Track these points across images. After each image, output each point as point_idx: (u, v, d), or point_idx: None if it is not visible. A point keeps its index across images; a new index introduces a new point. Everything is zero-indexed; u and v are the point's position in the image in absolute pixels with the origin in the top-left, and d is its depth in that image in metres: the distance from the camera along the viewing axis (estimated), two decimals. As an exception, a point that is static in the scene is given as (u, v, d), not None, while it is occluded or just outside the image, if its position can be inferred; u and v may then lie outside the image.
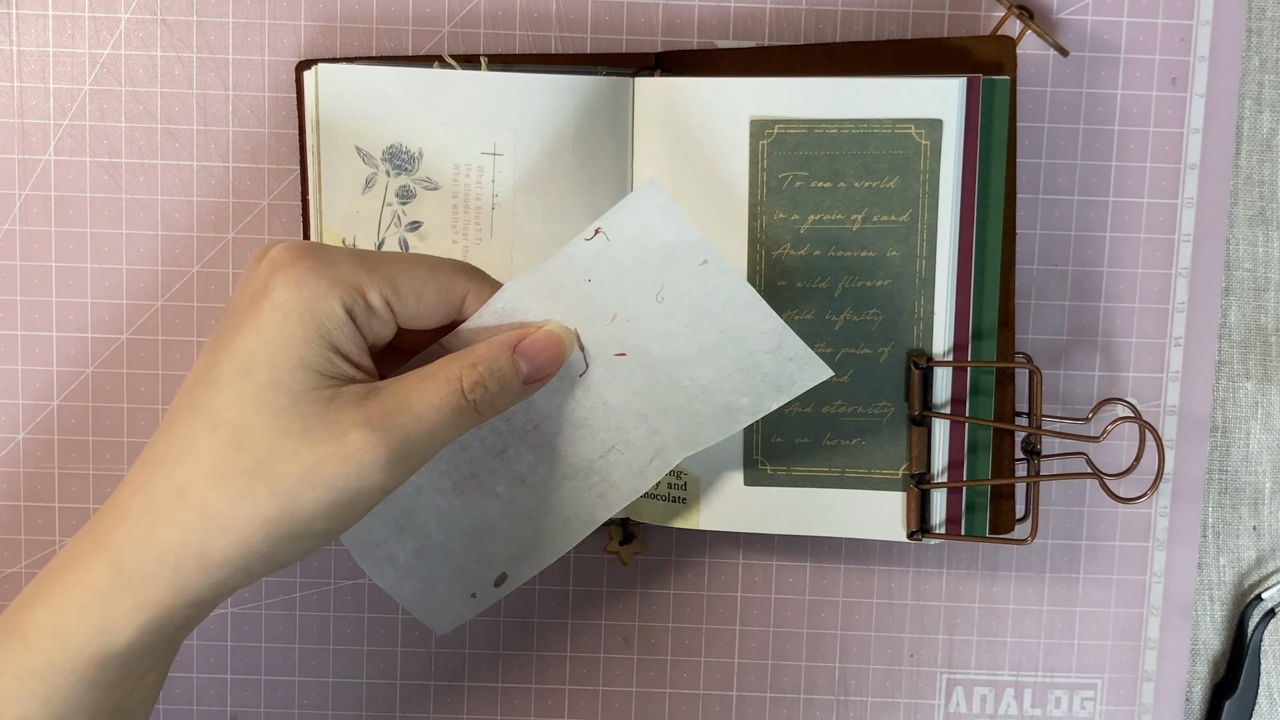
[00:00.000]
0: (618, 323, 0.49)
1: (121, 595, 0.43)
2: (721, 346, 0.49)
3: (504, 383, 0.46)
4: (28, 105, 0.58)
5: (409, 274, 0.45)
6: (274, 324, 0.43)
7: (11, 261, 0.58)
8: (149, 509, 0.43)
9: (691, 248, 0.47)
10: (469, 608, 0.54)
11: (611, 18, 0.58)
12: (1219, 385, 0.60)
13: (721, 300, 0.47)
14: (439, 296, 0.46)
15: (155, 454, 0.44)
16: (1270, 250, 0.60)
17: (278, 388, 0.42)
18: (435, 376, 0.45)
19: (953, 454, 0.55)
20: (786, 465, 0.56)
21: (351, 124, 0.55)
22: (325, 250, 0.45)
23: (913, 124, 0.53)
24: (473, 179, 0.55)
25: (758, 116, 0.54)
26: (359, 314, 0.44)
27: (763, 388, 0.50)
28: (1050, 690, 0.61)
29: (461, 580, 0.54)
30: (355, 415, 0.43)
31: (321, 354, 0.43)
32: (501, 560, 0.54)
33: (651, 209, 0.46)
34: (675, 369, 0.49)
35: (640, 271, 0.47)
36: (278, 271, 0.43)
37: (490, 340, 0.47)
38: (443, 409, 0.44)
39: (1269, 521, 0.61)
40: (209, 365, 0.44)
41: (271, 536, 0.43)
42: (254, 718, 0.61)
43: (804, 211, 0.54)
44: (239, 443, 0.42)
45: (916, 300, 0.54)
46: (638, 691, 0.62)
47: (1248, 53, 0.59)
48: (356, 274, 0.44)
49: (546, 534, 0.53)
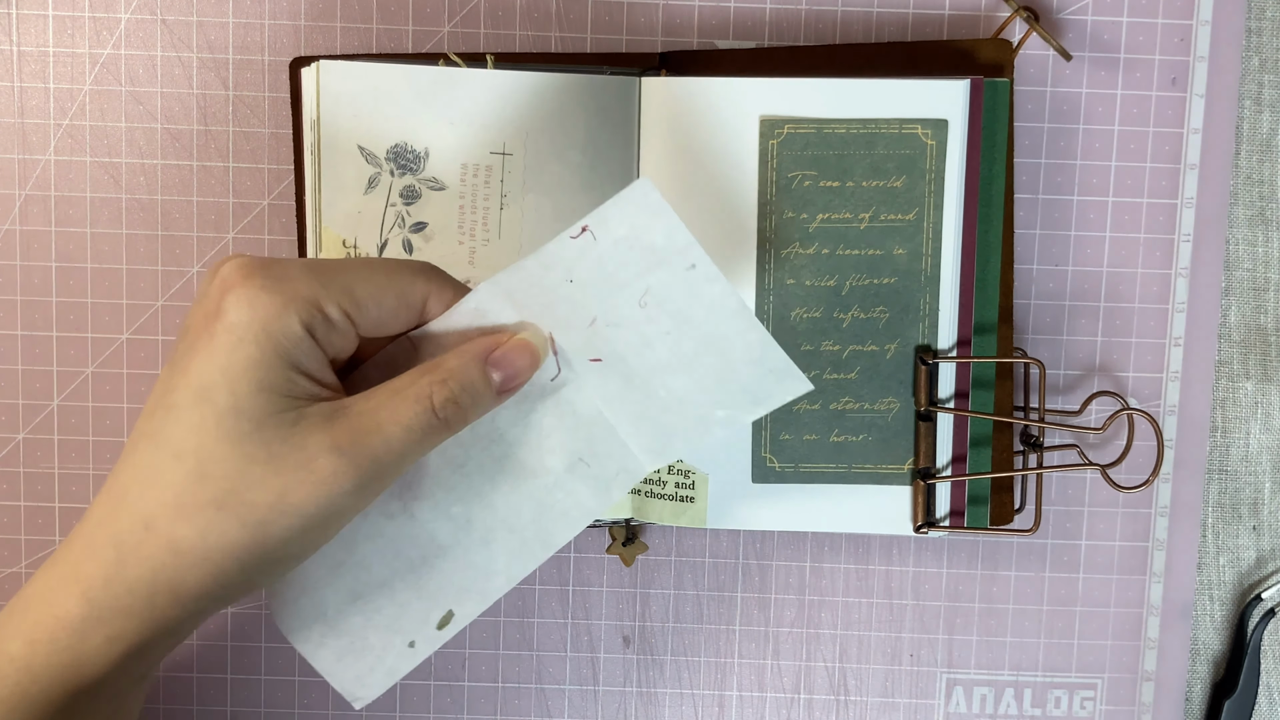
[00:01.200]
0: (596, 327, 0.47)
1: (94, 629, 0.42)
2: (701, 356, 0.48)
3: (476, 397, 0.45)
4: (28, 105, 0.58)
5: (365, 280, 0.44)
6: (228, 347, 0.41)
7: (11, 261, 0.58)
8: (116, 543, 0.42)
9: (680, 251, 0.46)
10: (403, 661, 0.50)
11: (611, 18, 0.58)
12: (1219, 385, 0.61)
13: (706, 307, 0.47)
14: (399, 301, 0.45)
15: (119, 484, 0.43)
16: (1270, 250, 0.60)
17: (239, 414, 0.41)
18: (405, 394, 0.43)
19: (956, 448, 0.56)
20: (794, 462, 0.56)
21: (354, 122, 0.54)
22: (277, 265, 0.43)
23: (919, 124, 0.54)
24: (481, 179, 0.55)
25: (768, 116, 0.54)
26: (318, 329, 0.43)
27: (740, 399, 0.49)
28: (1050, 690, 0.61)
29: (398, 626, 0.49)
30: (322, 439, 0.42)
31: (282, 375, 0.42)
32: (448, 595, 0.50)
33: (643, 208, 0.45)
34: (651, 378, 0.48)
35: (624, 274, 0.46)
36: (229, 292, 0.42)
37: (461, 351, 0.45)
38: (412, 429, 0.43)
39: (1269, 521, 0.61)
40: (166, 391, 0.42)
41: (245, 565, 0.42)
42: (254, 718, 0.61)
43: (812, 210, 0.55)
44: (202, 473, 0.41)
45: (922, 297, 0.55)
46: (638, 691, 0.62)
47: (1247, 53, 0.59)
48: (311, 287, 0.42)
49: (501, 560, 0.50)
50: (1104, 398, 0.59)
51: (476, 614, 0.50)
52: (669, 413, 0.49)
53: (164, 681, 0.60)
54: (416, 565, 0.49)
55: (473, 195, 0.55)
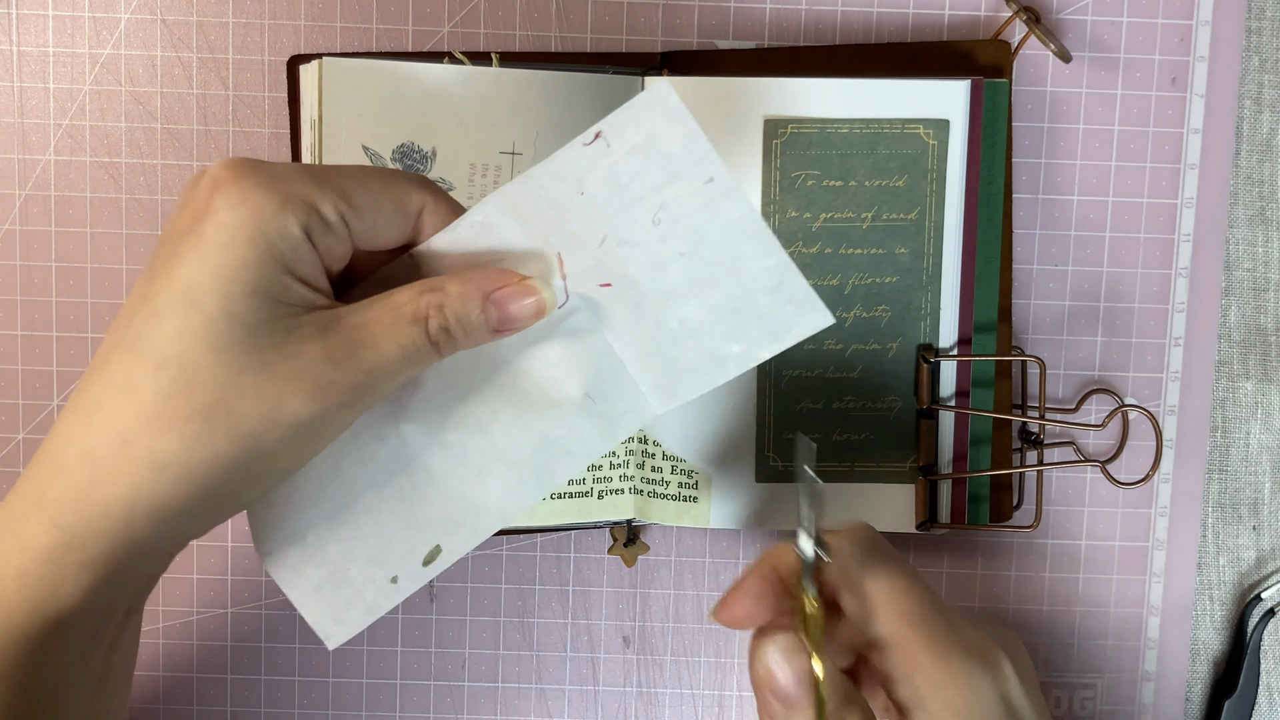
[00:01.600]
0: (606, 246, 0.44)
1: (66, 557, 0.39)
2: (717, 281, 0.44)
3: (470, 330, 0.42)
4: (28, 105, 0.57)
5: (362, 185, 0.41)
6: (220, 247, 0.38)
7: (11, 261, 0.58)
8: (89, 460, 0.39)
9: (699, 161, 0.42)
10: (383, 598, 0.47)
11: (611, 18, 0.58)
12: (1219, 385, 0.61)
13: (724, 226, 0.43)
14: (395, 208, 0.42)
15: (88, 398, 0.39)
16: (1270, 250, 0.60)
17: (230, 319, 0.38)
18: (401, 311, 0.41)
19: (957, 446, 0.56)
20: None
21: (359, 122, 0.52)
22: (270, 165, 0.40)
23: (921, 124, 0.54)
24: (490, 179, 0.54)
25: (772, 116, 0.54)
26: (315, 232, 0.40)
27: (755, 333, 0.45)
28: (1050, 690, 0.61)
29: (381, 559, 0.46)
30: (316, 349, 0.39)
31: (277, 279, 0.39)
32: (437, 527, 0.46)
33: (660, 113, 0.41)
34: (663, 307, 0.44)
35: (638, 186, 0.43)
36: (219, 190, 0.39)
37: (464, 277, 0.42)
38: (406, 348, 0.41)
39: (1269, 521, 0.61)
40: (146, 296, 0.39)
41: (232, 479, 0.39)
42: (254, 718, 0.61)
43: (815, 210, 0.55)
44: (188, 381, 0.38)
45: (924, 296, 0.55)
46: (638, 692, 0.62)
47: (1247, 52, 0.59)
48: (307, 187, 0.40)
49: (495, 494, 0.46)
50: (1102, 395, 0.59)
51: (465, 551, 0.47)
52: (680, 346, 0.45)
53: (164, 681, 0.60)
54: (406, 493, 0.46)
55: (481, 195, 0.52)
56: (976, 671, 0.42)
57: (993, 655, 0.43)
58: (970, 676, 0.42)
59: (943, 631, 0.42)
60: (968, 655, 0.42)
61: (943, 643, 0.42)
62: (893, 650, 0.42)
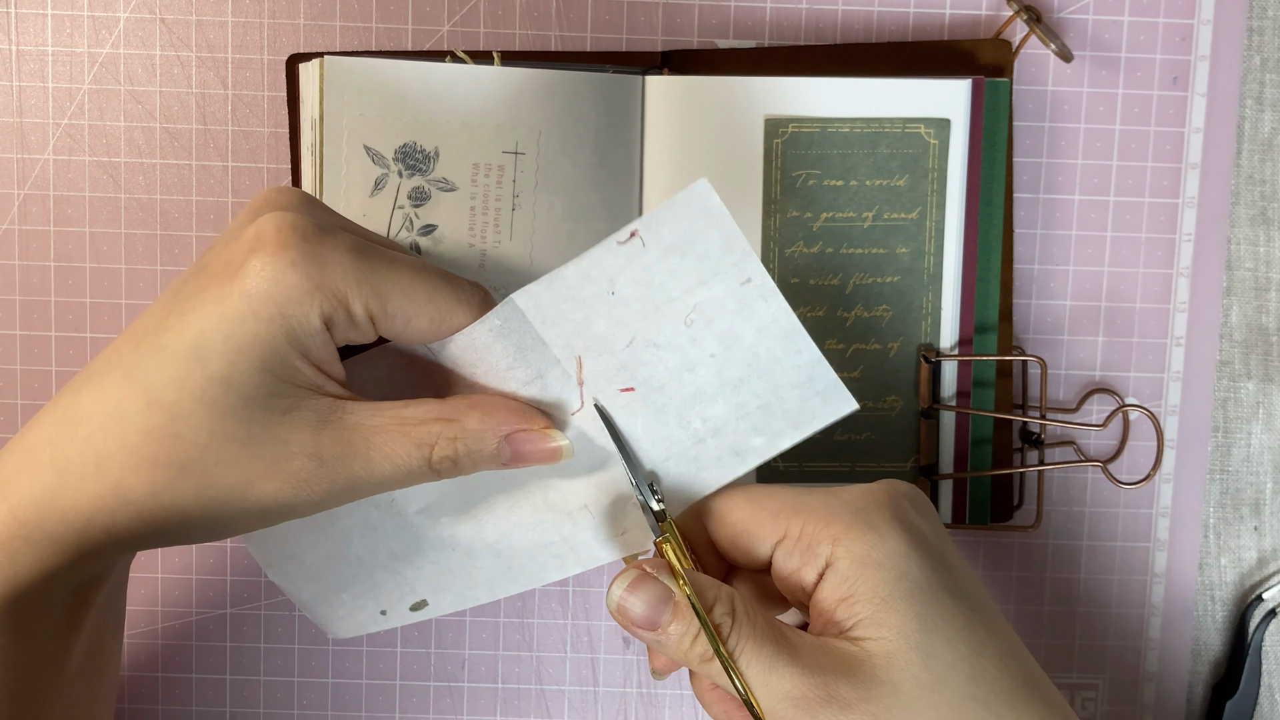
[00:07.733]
0: (634, 348, 0.43)
1: (22, 548, 0.40)
2: (746, 381, 0.44)
3: (478, 462, 0.42)
4: (27, 104, 0.57)
5: (406, 294, 0.41)
6: (239, 317, 0.38)
7: (11, 261, 0.58)
8: (61, 469, 0.39)
9: (737, 262, 0.42)
10: (374, 623, 0.48)
11: (611, 17, 0.58)
12: (1220, 385, 0.61)
13: (758, 328, 0.43)
14: (430, 325, 0.42)
15: (78, 407, 0.40)
16: (1271, 250, 0.60)
17: (229, 385, 0.38)
18: (408, 430, 0.41)
19: (958, 446, 0.56)
20: (798, 461, 0.56)
21: (361, 121, 0.52)
22: (318, 238, 0.39)
23: (922, 123, 0.54)
24: (493, 179, 0.53)
25: (772, 115, 0.54)
26: (337, 324, 0.40)
27: (780, 425, 0.44)
28: (1051, 690, 0.61)
29: (374, 596, 0.48)
30: (306, 441, 0.39)
31: (287, 360, 0.39)
32: (425, 586, 0.48)
33: (700, 213, 0.41)
34: (687, 408, 0.44)
35: (673, 287, 0.42)
36: (258, 253, 0.39)
37: (486, 412, 0.42)
38: (400, 469, 0.41)
39: (1270, 522, 0.61)
40: (160, 327, 0.39)
41: (188, 529, 0.40)
42: (254, 718, 0.61)
43: (816, 209, 0.55)
44: (174, 430, 0.38)
45: (925, 296, 0.55)
46: (638, 693, 0.61)
47: (1249, 52, 0.59)
48: (345, 282, 0.39)
49: (484, 577, 0.47)
50: (1103, 395, 0.59)
51: (451, 611, 0.48)
52: (701, 444, 0.44)
53: (163, 681, 0.60)
54: (397, 554, 0.47)
55: (484, 196, 0.53)
56: (868, 512, 0.42)
57: (877, 491, 0.43)
58: (861, 518, 0.42)
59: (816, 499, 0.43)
60: (852, 504, 0.42)
61: (819, 509, 0.42)
62: (780, 549, 0.43)
